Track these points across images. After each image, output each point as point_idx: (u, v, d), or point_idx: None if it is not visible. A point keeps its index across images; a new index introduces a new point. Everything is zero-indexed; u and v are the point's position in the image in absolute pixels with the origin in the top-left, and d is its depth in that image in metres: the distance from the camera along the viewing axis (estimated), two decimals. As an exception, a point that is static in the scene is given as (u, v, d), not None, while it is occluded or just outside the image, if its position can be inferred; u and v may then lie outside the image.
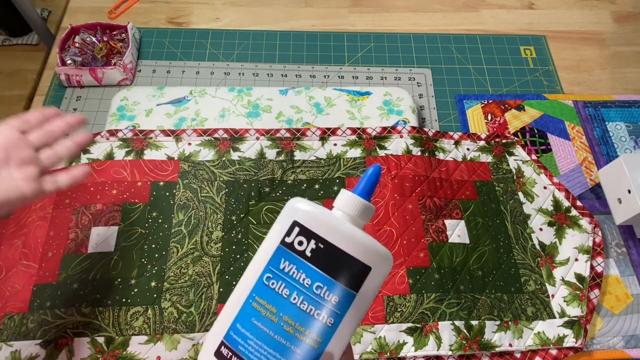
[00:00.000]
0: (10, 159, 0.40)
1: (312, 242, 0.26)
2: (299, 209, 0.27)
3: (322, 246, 0.26)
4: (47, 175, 0.42)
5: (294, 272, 0.26)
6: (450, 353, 0.52)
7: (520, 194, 0.64)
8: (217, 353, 0.26)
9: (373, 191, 0.29)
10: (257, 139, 0.65)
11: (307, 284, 0.26)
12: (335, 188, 0.62)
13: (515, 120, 0.73)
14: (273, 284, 0.26)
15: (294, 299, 0.25)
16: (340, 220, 0.27)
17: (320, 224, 0.26)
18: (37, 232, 0.56)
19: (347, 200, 0.28)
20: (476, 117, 0.73)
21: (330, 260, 0.26)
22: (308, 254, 0.26)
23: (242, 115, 0.68)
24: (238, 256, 0.56)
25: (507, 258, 0.59)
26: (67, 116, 0.44)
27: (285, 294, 0.26)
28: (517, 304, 0.56)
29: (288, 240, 0.26)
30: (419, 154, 0.64)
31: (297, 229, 0.26)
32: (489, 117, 0.73)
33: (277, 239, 0.27)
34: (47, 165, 0.42)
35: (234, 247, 0.57)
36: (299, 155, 0.64)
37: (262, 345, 0.25)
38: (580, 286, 0.58)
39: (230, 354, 0.25)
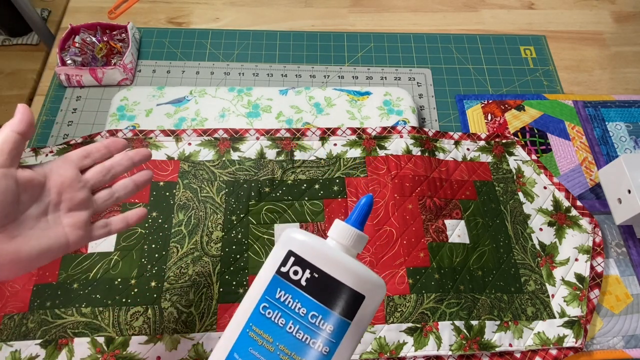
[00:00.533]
0: (62, 201, 0.34)
1: (307, 271, 0.27)
2: (294, 238, 0.27)
3: (317, 275, 0.26)
4: (98, 220, 0.37)
5: (289, 302, 0.26)
6: (450, 353, 0.52)
7: (520, 194, 0.64)
8: None
9: (366, 220, 0.29)
10: (257, 139, 0.65)
11: (302, 313, 0.26)
12: (335, 188, 0.62)
13: (515, 120, 0.73)
14: (269, 313, 0.26)
15: (290, 328, 0.26)
16: (335, 250, 0.28)
17: (315, 254, 0.27)
18: (37, 232, 0.56)
19: (341, 230, 0.28)
20: (476, 117, 0.73)
21: (325, 289, 0.26)
22: (303, 283, 0.26)
23: (242, 115, 0.68)
24: (238, 256, 0.56)
25: (507, 258, 0.59)
26: (131, 152, 0.39)
27: (281, 323, 0.26)
28: (517, 304, 0.56)
29: (284, 269, 0.27)
30: (419, 154, 0.64)
31: (292, 259, 0.27)
32: (489, 117, 0.73)
33: (272, 268, 0.27)
34: (100, 209, 0.37)
35: (234, 247, 0.57)
36: (299, 155, 0.64)
37: None
38: (580, 286, 0.58)
39: None
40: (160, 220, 0.58)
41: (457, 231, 0.60)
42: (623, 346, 0.57)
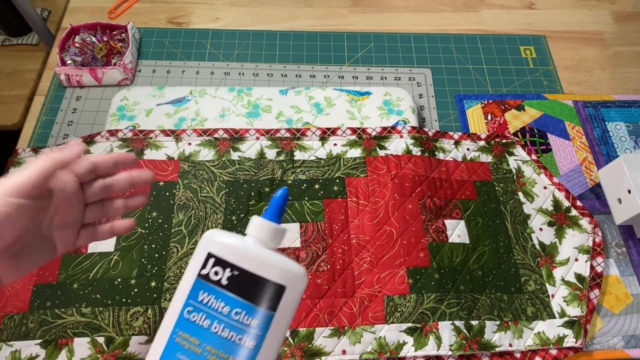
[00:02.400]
0: (56, 215, 0.35)
1: (227, 270, 0.27)
2: (212, 240, 0.28)
3: (236, 273, 0.27)
4: (84, 229, 0.37)
5: (212, 302, 0.27)
6: (450, 353, 0.52)
7: (520, 194, 0.64)
8: None
9: (282, 213, 0.30)
10: (257, 139, 0.65)
11: (226, 311, 0.27)
12: (335, 188, 0.62)
13: (515, 120, 0.73)
14: (194, 316, 0.27)
15: (215, 328, 0.26)
16: (252, 245, 0.28)
17: (232, 252, 0.28)
18: (37, 232, 0.56)
19: (257, 225, 0.29)
20: (476, 117, 0.73)
21: (246, 285, 0.27)
22: (224, 282, 0.27)
23: (242, 115, 0.68)
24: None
25: (507, 258, 0.59)
26: (134, 173, 0.38)
27: (206, 324, 0.27)
28: (517, 304, 0.56)
29: (204, 272, 0.27)
30: (419, 154, 0.64)
31: (212, 260, 0.27)
32: (489, 117, 0.73)
33: (194, 272, 0.28)
34: (88, 222, 0.37)
35: (234, 247, 0.57)
36: (299, 155, 0.64)
37: None
38: (580, 286, 0.58)
39: None
40: (160, 220, 0.58)
41: (457, 231, 0.60)
42: (623, 346, 0.57)
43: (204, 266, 0.28)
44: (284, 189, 0.30)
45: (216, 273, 0.27)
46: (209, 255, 0.28)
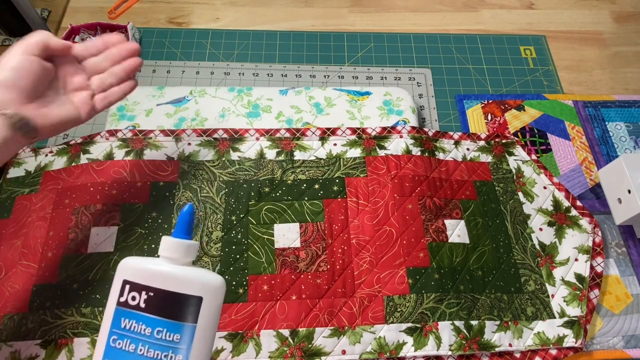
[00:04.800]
0: (67, 85, 0.45)
1: (143, 293, 0.28)
2: (125, 267, 0.29)
3: (152, 294, 0.28)
4: (98, 95, 0.47)
5: (134, 327, 0.28)
6: (450, 353, 0.52)
7: (520, 194, 0.64)
8: None
9: (192, 229, 0.31)
10: (257, 139, 0.65)
11: (148, 332, 0.27)
12: (335, 188, 0.62)
13: (515, 120, 0.73)
14: (119, 344, 0.28)
15: (141, 350, 0.27)
16: (164, 265, 0.29)
17: (145, 275, 0.28)
18: (37, 232, 0.56)
19: (167, 245, 0.30)
20: (476, 117, 0.73)
21: (163, 304, 0.28)
22: (142, 305, 0.28)
23: (242, 115, 0.68)
24: (238, 256, 0.56)
25: (507, 258, 0.59)
26: (123, 45, 0.47)
27: (131, 349, 0.27)
28: (517, 304, 0.56)
29: (122, 299, 0.28)
30: (419, 154, 0.64)
31: (127, 287, 0.28)
32: (489, 117, 0.73)
33: (113, 301, 0.29)
34: (96, 90, 0.47)
35: (233, 247, 0.57)
36: (298, 155, 0.64)
37: None
38: (580, 286, 0.58)
39: None
40: (160, 220, 0.58)
41: (457, 231, 0.60)
42: (623, 346, 0.57)
43: (121, 294, 0.28)
44: (190, 204, 0.31)
45: (133, 298, 0.28)
46: (125, 282, 0.29)
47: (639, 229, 0.64)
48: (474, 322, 0.54)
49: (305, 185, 0.62)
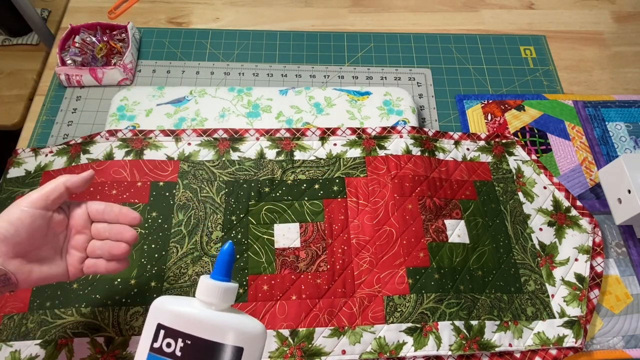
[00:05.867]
0: (71, 240, 0.42)
1: (180, 340, 0.26)
2: (160, 309, 0.27)
3: (189, 342, 0.26)
4: (88, 260, 0.43)
5: None
6: (450, 353, 0.52)
7: (520, 194, 0.64)
8: None
9: (231, 268, 0.29)
10: (257, 139, 0.65)
11: None
12: (335, 188, 0.62)
13: (515, 120, 0.73)
14: None
15: None
16: (202, 310, 0.27)
17: (182, 321, 0.26)
18: (37, 232, 0.56)
19: (205, 288, 0.28)
20: (476, 117, 0.73)
21: (200, 353, 0.26)
22: (178, 353, 0.26)
23: (242, 115, 0.68)
24: (238, 256, 0.56)
25: (507, 258, 0.59)
26: (125, 226, 0.43)
27: None
28: (517, 304, 0.56)
29: (156, 345, 0.27)
30: (419, 154, 0.64)
31: (162, 332, 0.27)
32: (489, 117, 0.73)
33: (146, 347, 0.27)
34: (89, 254, 0.43)
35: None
36: (298, 155, 0.64)
37: None
38: (580, 286, 0.58)
39: None
40: (160, 220, 0.58)
41: (457, 231, 0.60)
42: (623, 346, 0.57)
43: (155, 339, 0.27)
44: (230, 243, 0.29)
45: (168, 345, 0.26)
46: (159, 327, 0.27)
47: (639, 229, 0.64)
48: (474, 322, 0.54)
49: (305, 185, 0.62)
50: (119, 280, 0.54)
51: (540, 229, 0.62)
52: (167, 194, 0.60)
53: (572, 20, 0.87)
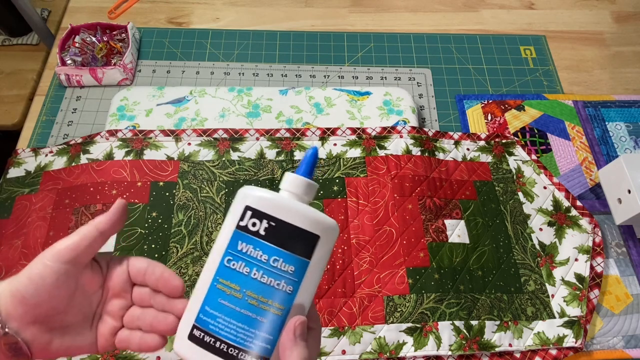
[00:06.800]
0: (107, 304, 0.33)
1: (265, 221, 0.29)
2: (249, 194, 0.30)
3: (273, 224, 0.28)
4: (122, 331, 0.33)
5: (251, 251, 0.28)
6: (450, 353, 0.52)
7: (520, 194, 0.64)
8: (191, 336, 0.28)
9: (314, 170, 0.32)
10: (257, 139, 0.65)
11: (264, 259, 0.28)
12: (335, 188, 0.62)
13: (515, 120, 0.73)
14: (234, 265, 0.28)
15: (255, 274, 0.28)
16: (287, 199, 0.30)
17: (269, 205, 0.29)
18: (37, 233, 0.56)
19: (291, 181, 0.30)
20: (476, 117, 0.73)
21: (283, 235, 0.28)
22: (262, 232, 0.28)
23: (242, 115, 0.68)
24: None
25: (507, 258, 0.59)
26: (169, 293, 0.33)
27: (245, 271, 0.28)
28: (517, 304, 0.56)
29: (242, 223, 0.29)
30: (419, 154, 0.64)
31: (249, 213, 0.29)
32: (489, 117, 0.73)
33: (232, 224, 0.29)
34: (125, 325, 0.34)
35: (233, 247, 0.57)
36: (298, 155, 0.64)
37: (230, 321, 0.27)
38: (580, 286, 0.58)
39: (202, 334, 0.28)
40: (160, 220, 0.58)
41: (457, 231, 0.60)
42: (623, 346, 0.57)
43: (241, 218, 0.29)
44: (314, 147, 0.32)
45: (254, 224, 0.29)
46: (247, 208, 0.29)
47: (639, 229, 0.64)
48: (474, 322, 0.54)
49: (305, 185, 0.62)
50: (119, 280, 0.54)
51: (540, 229, 0.62)
52: (167, 194, 0.60)
53: (572, 20, 0.87)
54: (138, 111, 0.67)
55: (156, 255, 0.55)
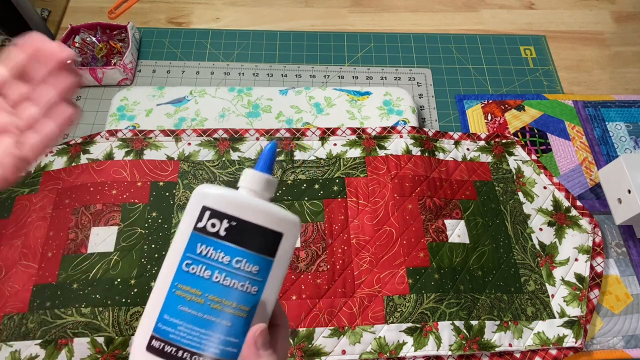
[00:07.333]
0: None
1: (225, 221, 0.27)
2: (206, 194, 0.28)
3: (234, 224, 0.27)
4: (28, 135, 0.31)
5: (211, 254, 0.27)
6: (449, 353, 0.52)
7: (520, 194, 0.64)
8: (149, 347, 0.27)
9: (273, 165, 0.31)
10: (257, 139, 0.65)
11: (226, 261, 0.27)
12: (335, 188, 0.62)
13: (515, 120, 0.73)
14: (193, 268, 0.27)
15: (216, 277, 0.27)
16: (247, 196, 0.29)
17: (228, 204, 0.28)
18: (37, 233, 0.56)
19: (250, 177, 0.29)
20: (476, 117, 0.73)
21: (244, 234, 0.27)
22: (222, 233, 0.27)
23: (242, 115, 0.68)
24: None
25: (507, 258, 0.59)
26: (48, 53, 0.31)
27: (207, 275, 0.27)
28: (517, 304, 0.56)
29: (200, 225, 0.28)
30: (419, 154, 0.64)
31: (207, 213, 0.28)
32: (489, 117, 0.73)
33: (189, 226, 0.28)
34: (24, 128, 0.31)
35: (233, 247, 0.57)
36: (298, 155, 0.64)
37: (193, 328, 0.26)
38: (580, 286, 0.58)
39: (162, 344, 0.26)
40: (160, 221, 0.58)
41: (457, 231, 0.60)
42: (623, 346, 0.57)
43: (199, 219, 0.28)
44: (273, 142, 0.31)
45: (213, 225, 0.28)
46: (204, 209, 0.28)
47: (639, 229, 0.64)
48: (474, 322, 0.54)
49: (305, 185, 0.62)
50: (119, 280, 0.54)
51: (540, 229, 0.62)
52: (167, 194, 0.60)
53: (572, 20, 0.87)
54: (138, 111, 0.67)
55: (156, 255, 0.55)
